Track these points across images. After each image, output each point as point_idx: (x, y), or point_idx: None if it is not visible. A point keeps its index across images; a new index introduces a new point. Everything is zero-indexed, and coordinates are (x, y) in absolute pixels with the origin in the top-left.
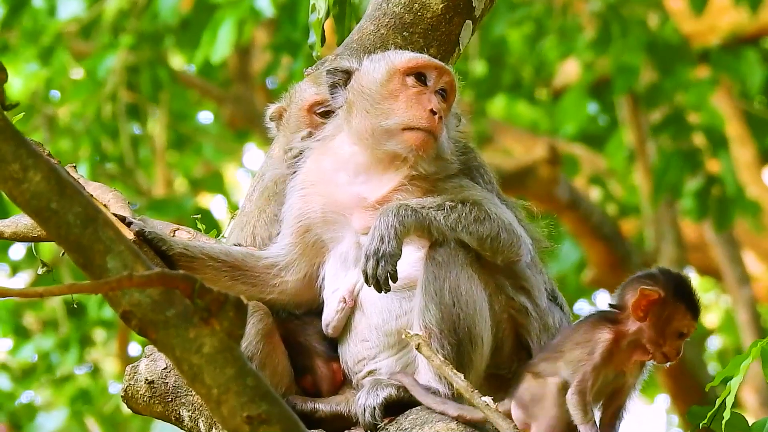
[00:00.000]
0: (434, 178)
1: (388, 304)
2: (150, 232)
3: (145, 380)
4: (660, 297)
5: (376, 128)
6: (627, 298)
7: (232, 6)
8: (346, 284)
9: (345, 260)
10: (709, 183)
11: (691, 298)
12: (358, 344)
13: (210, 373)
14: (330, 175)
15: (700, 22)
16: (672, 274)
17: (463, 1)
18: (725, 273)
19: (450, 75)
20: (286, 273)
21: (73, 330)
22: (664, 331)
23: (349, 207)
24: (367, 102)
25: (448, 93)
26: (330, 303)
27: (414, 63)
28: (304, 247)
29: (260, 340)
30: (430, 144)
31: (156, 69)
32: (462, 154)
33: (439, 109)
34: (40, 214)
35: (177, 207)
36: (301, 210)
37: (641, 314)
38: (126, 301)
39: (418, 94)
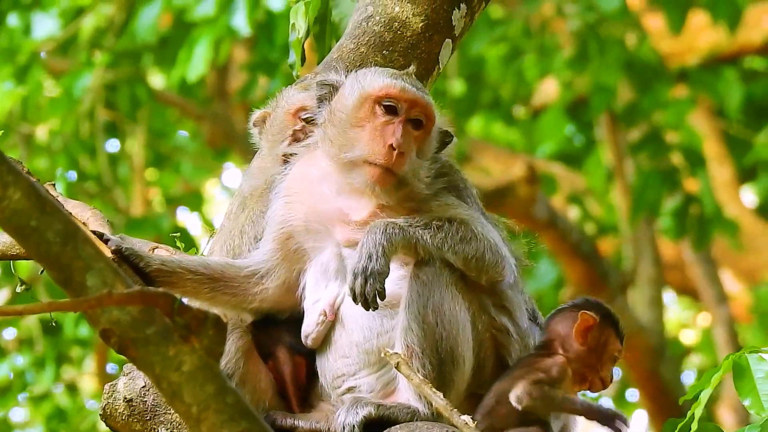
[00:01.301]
0: (417, 197)
1: (369, 321)
2: (128, 249)
3: (124, 398)
4: (596, 322)
5: (340, 158)
6: (559, 328)
7: (209, 25)
8: (327, 296)
9: (326, 270)
10: (687, 202)
11: (617, 324)
12: (338, 360)
13: (190, 390)
14: (314, 185)
15: (679, 41)
16: (598, 303)
17: (443, 20)
18: (703, 292)
19: (423, 106)
20: (267, 280)
21: (49, 348)
22: (601, 356)
23: (332, 219)
24: (335, 129)
25: (422, 121)
26: (310, 314)
27: (385, 92)
28: (285, 254)
29: (240, 357)
30: (387, 179)
31: (134, 87)
32: (444, 173)
33: (401, 144)
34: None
35: (154, 226)
36: (284, 217)
37: (581, 340)
38: (105, 318)
39: (385, 124)
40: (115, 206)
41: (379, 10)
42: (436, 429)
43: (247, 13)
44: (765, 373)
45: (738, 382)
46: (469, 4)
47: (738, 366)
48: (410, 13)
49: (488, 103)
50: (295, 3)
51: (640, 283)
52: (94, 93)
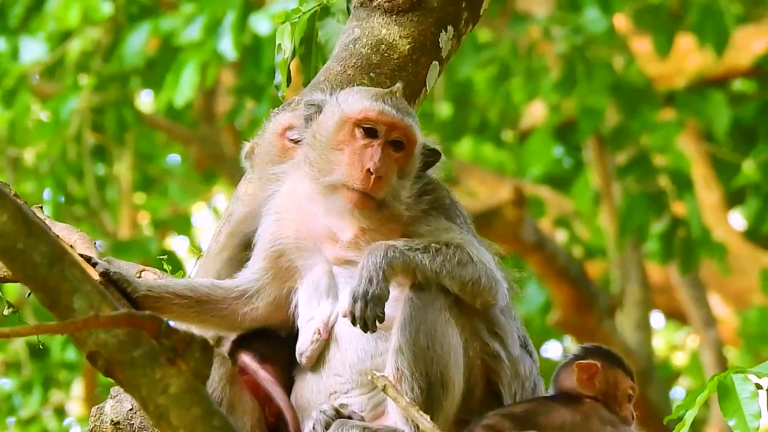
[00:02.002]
0: (402, 218)
1: (364, 343)
2: (115, 273)
3: (111, 421)
4: (598, 367)
5: (320, 181)
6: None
7: (195, 49)
8: (321, 315)
9: (317, 288)
10: (674, 225)
11: (622, 362)
12: (331, 378)
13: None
14: (304, 203)
15: (666, 64)
16: (599, 348)
17: (430, 42)
18: (691, 315)
19: (402, 128)
20: (256, 299)
21: (36, 371)
22: (616, 396)
23: (321, 237)
24: (316, 151)
25: (403, 143)
26: (304, 332)
27: (363, 116)
28: (276, 272)
29: (226, 383)
30: (366, 203)
31: (122, 110)
32: (430, 192)
33: (378, 168)
34: (6, 253)
35: (142, 249)
36: (275, 234)
37: (591, 388)
38: (92, 341)
39: (364, 147)
40: (103, 229)
41: (366, 32)
42: None
43: (234, 37)
44: (750, 393)
45: (723, 403)
46: (456, 27)
47: (723, 386)
48: (397, 36)
49: (476, 126)
50: (282, 23)
51: (627, 306)
52: (81, 116)
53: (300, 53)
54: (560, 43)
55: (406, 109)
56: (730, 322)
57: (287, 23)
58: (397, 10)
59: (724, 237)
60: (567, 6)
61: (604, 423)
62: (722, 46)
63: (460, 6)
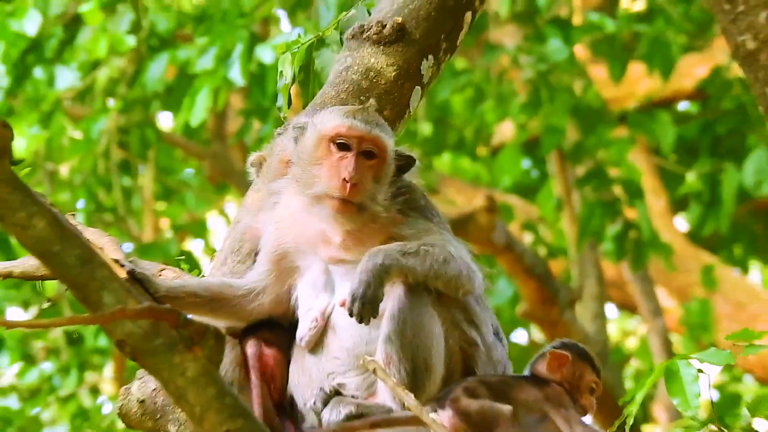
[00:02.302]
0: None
1: (359, 330)
2: (139, 273)
3: (137, 399)
4: (569, 359)
5: (306, 194)
6: (540, 369)
7: (208, 76)
8: (318, 306)
9: (315, 284)
10: (626, 228)
11: (592, 360)
12: (330, 360)
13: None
14: (298, 214)
15: (619, 88)
16: (575, 344)
17: (413, 69)
18: (641, 306)
19: (371, 139)
20: (262, 296)
21: (72, 356)
22: (579, 386)
23: (316, 241)
24: (300, 168)
25: (374, 152)
26: (304, 321)
27: (335, 132)
28: (279, 273)
29: (236, 367)
30: (347, 209)
31: (144, 130)
32: (404, 193)
33: (353, 176)
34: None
35: (162, 250)
36: (277, 241)
37: (558, 374)
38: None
39: (340, 159)
40: (129, 233)
41: (357, 61)
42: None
43: (242, 66)
44: (692, 377)
45: (669, 385)
46: (436, 56)
47: (669, 371)
48: (384, 64)
49: (453, 143)
50: (283, 53)
51: (585, 299)
52: (109, 135)
53: (299, 79)
54: (527, 70)
55: (376, 122)
56: (675, 313)
57: (288, 53)
58: (384, 42)
59: (670, 239)
60: (533, 37)
61: (561, 407)
62: (668, 73)
63: (439, 38)
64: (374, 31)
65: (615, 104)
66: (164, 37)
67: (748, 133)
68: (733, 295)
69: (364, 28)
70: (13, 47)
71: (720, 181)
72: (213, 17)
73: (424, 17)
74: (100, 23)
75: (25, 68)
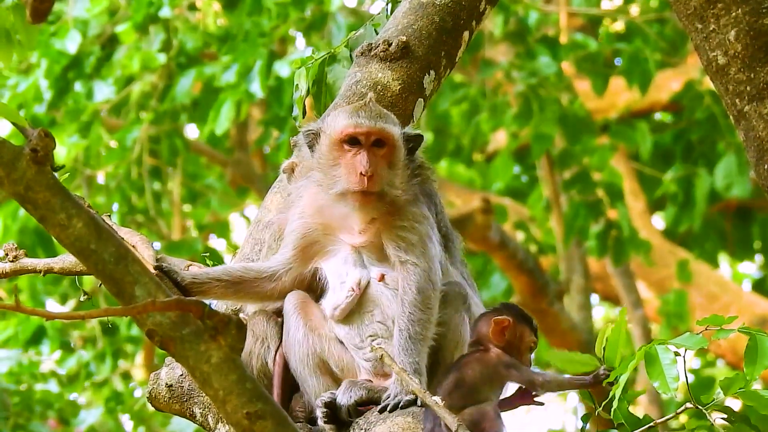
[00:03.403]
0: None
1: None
2: (167, 266)
3: (166, 384)
4: (510, 322)
5: (330, 194)
6: (484, 330)
7: (232, 90)
8: (352, 278)
9: (346, 261)
10: (608, 227)
11: (530, 320)
12: (374, 323)
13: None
14: (324, 207)
15: (602, 100)
16: (513, 306)
17: (416, 83)
18: (622, 298)
19: (377, 132)
20: (285, 276)
21: (107, 345)
22: (520, 348)
23: (342, 230)
24: (320, 171)
25: (383, 141)
26: (338, 291)
27: (345, 133)
28: (303, 257)
29: None
30: (368, 199)
31: (173, 139)
32: (419, 174)
33: (368, 170)
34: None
35: (189, 248)
36: (303, 230)
37: (501, 338)
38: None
39: (354, 155)
40: (159, 233)
41: (365, 76)
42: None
43: (261, 80)
44: (671, 360)
45: (649, 368)
46: (437, 71)
47: (649, 355)
48: (390, 78)
49: (452, 150)
50: (298, 68)
51: (572, 291)
52: (141, 144)
53: (313, 92)
54: (519, 84)
55: (379, 113)
56: (653, 303)
57: (303, 68)
58: (390, 59)
59: (648, 236)
60: (524, 54)
61: (508, 367)
62: (646, 86)
63: (440, 55)
64: (381, 48)
65: (598, 115)
66: (192, 55)
67: (718, 141)
68: (706, 287)
69: (372, 46)
70: (55, 64)
71: (693, 184)
72: (236, 37)
73: (426, 36)
74: (134, 42)
75: (66, 83)
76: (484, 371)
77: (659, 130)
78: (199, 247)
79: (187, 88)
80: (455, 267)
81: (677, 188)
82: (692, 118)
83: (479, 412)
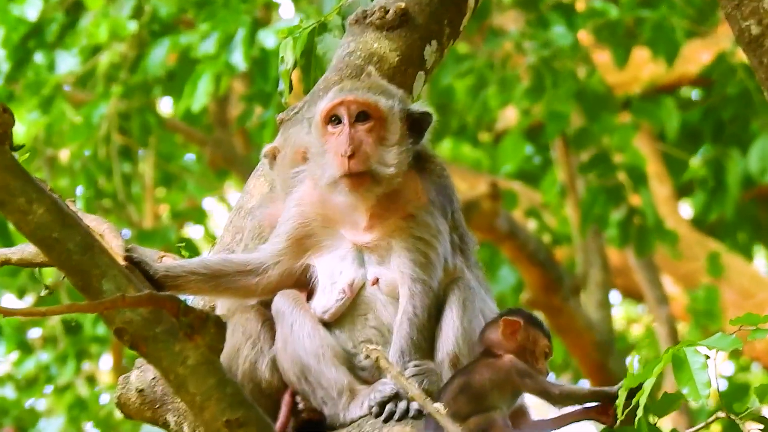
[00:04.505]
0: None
1: (390, 308)
2: (138, 257)
3: (136, 389)
4: (521, 324)
5: (322, 184)
6: (492, 337)
7: (210, 61)
8: (345, 279)
9: (343, 259)
10: (630, 214)
11: (542, 325)
12: (368, 329)
13: (194, 382)
14: (326, 198)
15: (623, 73)
16: (522, 310)
17: (416, 55)
18: (646, 294)
19: (358, 102)
20: (272, 270)
21: (70, 345)
22: (534, 351)
23: (344, 224)
24: (313, 162)
25: (368, 113)
26: (329, 292)
27: (324, 112)
28: (296, 250)
29: None
30: (360, 182)
31: (145, 115)
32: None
33: (347, 149)
34: (43, 242)
35: (162, 237)
36: (300, 220)
37: (512, 341)
38: (119, 319)
39: (338, 136)
40: (129, 220)
41: (360, 46)
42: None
43: (244, 50)
44: (701, 364)
45: (677, 373)
46: (440, 41)
47: (677, 358)
48: (387, 49)
49: (456, 128)
50: (285, 38)
51: (590, 287)
52: (109, 121)
53: (301, 65)
54: (530, 56)
55: (369, 85)
56: (681, 300)
57: (290, 38)
58: (387, 27)
59: (675, 225)
60: (536, 23)
61: (522, 375)
62: (673, 58)
63: (443, 23)
64: (377, 16)
65: (619, 90)
66: (166, 22)
67: (752, 119)
68: (739, 282)
69: (367, 14)
70: (13, 32)
71: (725, 167)
72: (215, 2)
73: (427, 2)
74: (102, 8)
75: (25, 53)
76: (494, 377)
77: (687, 107)
78: (173, 235)
79: (160, 59)
80: (471, 271)
81: (707, 172)
82: (723, 94)
83: (487, 421)
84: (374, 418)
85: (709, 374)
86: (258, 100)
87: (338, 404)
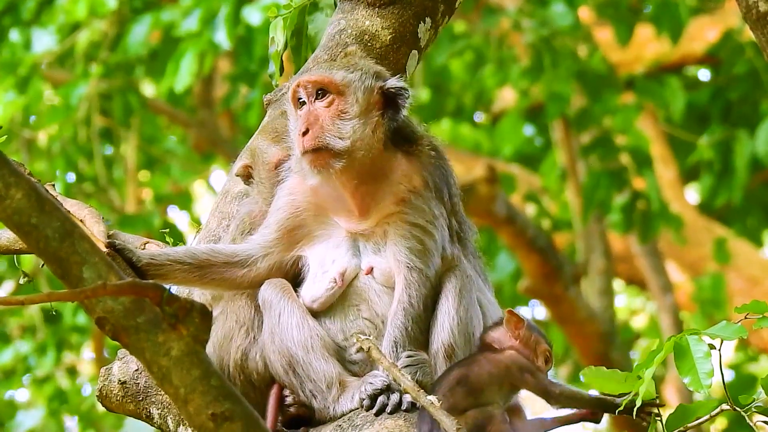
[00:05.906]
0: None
1: (385, 299)
2: (120, 244)
3: (119, 381)
4: (524, 322)
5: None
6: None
7: (193, 39)
8: (337, 267)
9: (338, 247)
10: (634, 198)
11: (543, 333)
12: (360, 320)
13: (178, 374)
14: (317, 186)
15: (626, 52)
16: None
17: (409, 33)
18: (650, 282)
19: (314, 81)
20: (261, 263)
21: (50, 335)
22: (536, 350)
23: (336, 212)
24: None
25: (326, 90)
26: (319, 281)
27: (289, 97)
28: (288, 241)
29: None
30: (317, 159)
31: (127, 96)
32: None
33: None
34: (21, 228)
35: (146, 222)
36: (291, 209)
37: (516, 332)
38: (100, 308)
39: (302, 116)
40: (110, 205)
41: (351, 24)
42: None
43: (228, 28)
44: (704, 353)
45: (679, 362)
46: (434, 19)
47: (679, 347)
48: (379, 27)
49: (452, 109)
50: (274, 18)
51: (591, 274)
52: (90, 101)
53: (291, 45)
54: (529, 34)
55: (335, 65)
56: (686, 288)
57: (279, 17)
58: (380, 4)
59: (680, 210)
60: (535, 0)
61: (523, 371)
62: (678, 36)
63: (437, 0)
64: None
65: (622, 69)
66: None
67: (761, 100)
68: (747, 269)
69: None
70: None
71: (732, 149)
72: None
73: None
74: None
75: (0, 31)
76: (493, 371)
77: (693, 87)
78: (156, 221)
79: (142, 37)
80: (468, 260)
81: (714, 154)
82: (731, 74)
83: (485, 416)
84: (365, 411)
85: (712, 364)
86: (243, 79)
87: (328, 397)
